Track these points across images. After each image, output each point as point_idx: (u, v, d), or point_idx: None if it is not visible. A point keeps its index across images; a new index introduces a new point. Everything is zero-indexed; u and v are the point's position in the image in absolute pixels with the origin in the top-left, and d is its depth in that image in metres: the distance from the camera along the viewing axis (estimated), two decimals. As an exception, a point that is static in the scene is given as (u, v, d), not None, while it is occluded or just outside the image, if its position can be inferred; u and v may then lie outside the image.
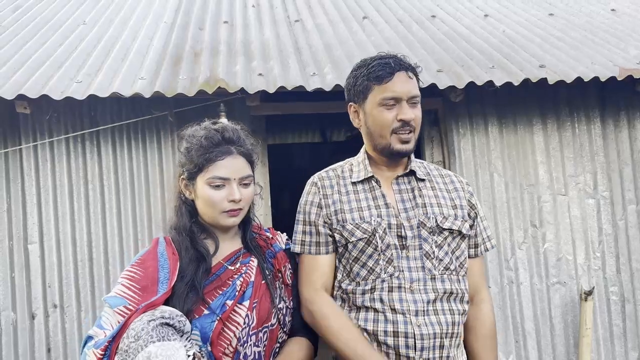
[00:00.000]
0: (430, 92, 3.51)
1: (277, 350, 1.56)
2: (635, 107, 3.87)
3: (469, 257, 1.73)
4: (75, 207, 3.51)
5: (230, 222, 1.52)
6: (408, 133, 1.61)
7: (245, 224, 1.62)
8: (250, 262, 1.55)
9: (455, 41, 4.24)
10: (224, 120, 3.28)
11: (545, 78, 3.40)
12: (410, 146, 1.63)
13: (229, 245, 1.57)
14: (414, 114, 1.61)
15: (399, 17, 4.90)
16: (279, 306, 1.56)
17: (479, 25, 4.74)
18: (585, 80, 3.41)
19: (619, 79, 3.44)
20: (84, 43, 4.03)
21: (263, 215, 3.67)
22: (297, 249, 1.68)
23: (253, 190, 1.57)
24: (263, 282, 1.54)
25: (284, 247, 1.68)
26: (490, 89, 3.43)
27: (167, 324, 1.30)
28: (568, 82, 3.41)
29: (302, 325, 1.63)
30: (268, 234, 1.69)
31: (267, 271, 1.56)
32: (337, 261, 1.67)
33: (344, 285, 1.63)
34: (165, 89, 3.24)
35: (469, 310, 1.69)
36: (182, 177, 1.54)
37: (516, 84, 3.38)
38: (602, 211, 3.82)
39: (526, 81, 3.40)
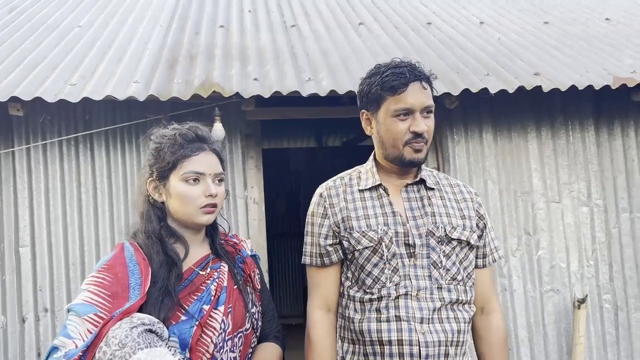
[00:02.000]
0: (425, 99, 3.51)
1: (249, 355, 1.56)
2: (629, 115, 3.88)
3: (477, 267, 1.71)
4: (68, 210, 3.49)
5: (205, 219, 1.50)
6: (420, 144, 1.60)
7: (213, 230, 1.60)
8: (221, 267, 1.53)
9: (450, 48, 4.25)
10: (217, 125, 3.29)
11: (540, 86, 3.41)
12: (423, 156, 1.61)
13: (199, 250, 1.54)
14: (427, 125, 1.60)
15: (395, 23, 4.91)
16: (252, 311, 1.55)
17: (475, 32, 4.76)
18: (580, 88, 3.43)
19: (613, 87, 3.45)
20: (78, 46, 4.02)
21: (257, 220, 3.66)
22: (306, 260, 1.71)
23: (224, 190, 1.56)
24: (235, 287, 1.53)
25: (249, 253, 1.66)
26: (485, 96, 3.44)
27: (151, 331, 1.26)
28: (563, 90, 3.42)
29: (271, 329, 1.64)
30: (234, 240, 1.67)
31: (238, 276, 1.55)
32: (345, 267, 1.67)
33: (352, 292, 1.63)
34: (160, 92, 3.23)
35: (480, 320, 1.70)
36: (150, 179, 1.50)
37: (511, 91, 3.39)
38: (595, 219, 3.83)
39: (521, 89, 3.41)
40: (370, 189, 1.66)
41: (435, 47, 4.27)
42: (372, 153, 1.74)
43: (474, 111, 3.82)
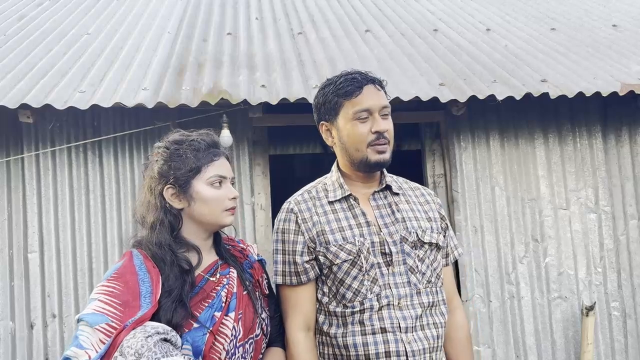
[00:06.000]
0: (432, 106, 3.52)
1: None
2: (637, 122, 3.87)
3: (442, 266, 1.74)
4: (76, 216, 3.51)
5: (229, 220, 1.53)
6: (383, 144, 1.60)
7: (216, 235, 1.60)
8: (230, 273, 1.54)
9: (457, 55, 4.25)
10: (225, 132, 3.30)
11: (547, 92, 3.41)
12: (387, 156, 1.61)
13: (207, 257, 1.54)
14: (387, 125, 1.61)
15: (402, 30, 4.92)
16: (262, 316, 1.56)
17: (481, 39, 4.76)
18: (587, 95, 3.42)
19: (620, 94, 3.45)
20: (87, 53, 4.05)
21: (264, 226, 3.67)
22: (278, 280, 1.65)
23: None
24: (245, 292, 1.53)
25: (256, 257, 1.67)
26: (492, 102, 3.44)
27: (166, 339, 1.26)
28: (570, 96, 3.42)
29: (278, 334, 1.64)
30: (241, 245, 1.68)
31: (247, 282, 1.56)
32: (321, 283, 1.63)
33: (331, 308, 1.60)
34: (168, 99, 3.25)
35: None
36: (168, 186, 1.49)
37: (518, 98, 3.39)
38: (603, 226, 3.82)
39: (528, 95, 3.41)
40: (340, 200, 1.65)
41: (442, 53, 4.28)
42: (335, 164, 1.74)
43: (481, 118, 3.83)
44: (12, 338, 3.37)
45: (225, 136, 3.31)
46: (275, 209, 3.90)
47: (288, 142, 6.91)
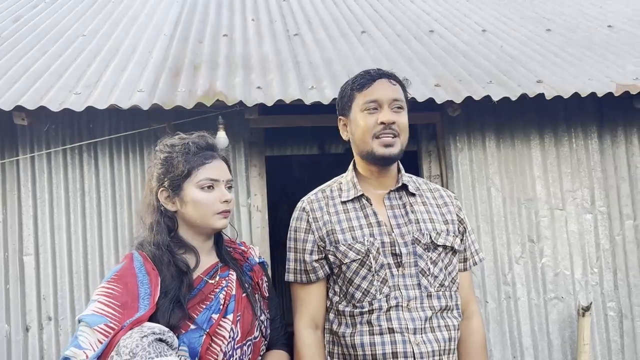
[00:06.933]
0: (428, 107, 3.52)
1: None
2: (632, 122, 3.88)
3: (458, 271, 1.71)
4: (72, 218, 3.50)
5: (222, 223, 1.52)
6: (391, 137, 1.58)
7: (218, 237, 1.61)
8: (230, 275, 1.54)
9: (453, 56, 4.26)
10: (220, 133, 3.30)
11: (543, 93, 3.41)
12: (395, 150, 1.59)
13: (207, 259, 1.55)
14: (396, 117, 1.59)
15: (398, 32, 4.93)
16: (261, 319, 1.56)
17: (477, 40, 4.77)
18: (583, 95, 3.43)
19: (615, 94, 3.45)
20: (83, 55, 4.04)
21: (260, 228, 3.67)
22: (290, 277, 1.67)
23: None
24: (244, 295, 1.54)
25: (257, 260, 1.68)
26: (488, 103, 3.44)
27: (161, 340, 1.27)
28: (565, 97, 3.42)
29: (279, 337, 1.65)
30: (242, 247, 1.68)
31: (246, 284, 1.56)
32: (332, 282, 1.64)
33: (340, 307, 1.60)
34: (163, 101, 3.24)
35: (460, 324, 1.68)
36: (162, 189, 1.51)
37: (513, 99, 3.39)
38: (599, 226, 3.82)
39: (523, 96, 3.42)
40: (352, 200, 1.65)
41: (437, 55, 4.28)
42: (352, 162, 1.74)
43: (476, 119, 3.83)
44: (7, 341, 3.36)
45: (221, 138, 3.31)
46: (272, 211, 3.91)
47: (285, 144, 6.92)
